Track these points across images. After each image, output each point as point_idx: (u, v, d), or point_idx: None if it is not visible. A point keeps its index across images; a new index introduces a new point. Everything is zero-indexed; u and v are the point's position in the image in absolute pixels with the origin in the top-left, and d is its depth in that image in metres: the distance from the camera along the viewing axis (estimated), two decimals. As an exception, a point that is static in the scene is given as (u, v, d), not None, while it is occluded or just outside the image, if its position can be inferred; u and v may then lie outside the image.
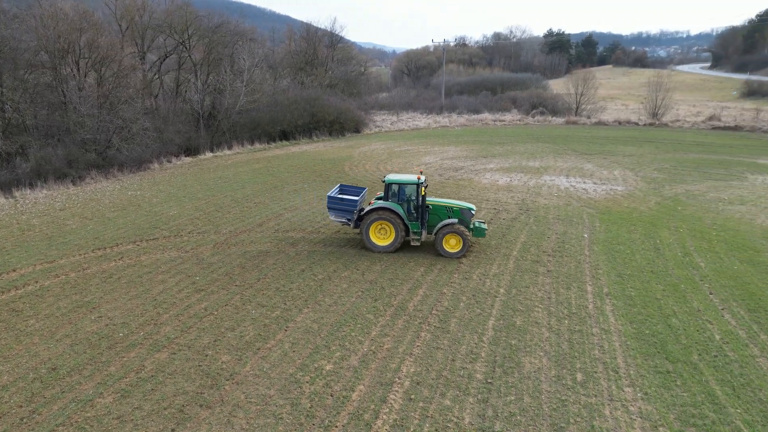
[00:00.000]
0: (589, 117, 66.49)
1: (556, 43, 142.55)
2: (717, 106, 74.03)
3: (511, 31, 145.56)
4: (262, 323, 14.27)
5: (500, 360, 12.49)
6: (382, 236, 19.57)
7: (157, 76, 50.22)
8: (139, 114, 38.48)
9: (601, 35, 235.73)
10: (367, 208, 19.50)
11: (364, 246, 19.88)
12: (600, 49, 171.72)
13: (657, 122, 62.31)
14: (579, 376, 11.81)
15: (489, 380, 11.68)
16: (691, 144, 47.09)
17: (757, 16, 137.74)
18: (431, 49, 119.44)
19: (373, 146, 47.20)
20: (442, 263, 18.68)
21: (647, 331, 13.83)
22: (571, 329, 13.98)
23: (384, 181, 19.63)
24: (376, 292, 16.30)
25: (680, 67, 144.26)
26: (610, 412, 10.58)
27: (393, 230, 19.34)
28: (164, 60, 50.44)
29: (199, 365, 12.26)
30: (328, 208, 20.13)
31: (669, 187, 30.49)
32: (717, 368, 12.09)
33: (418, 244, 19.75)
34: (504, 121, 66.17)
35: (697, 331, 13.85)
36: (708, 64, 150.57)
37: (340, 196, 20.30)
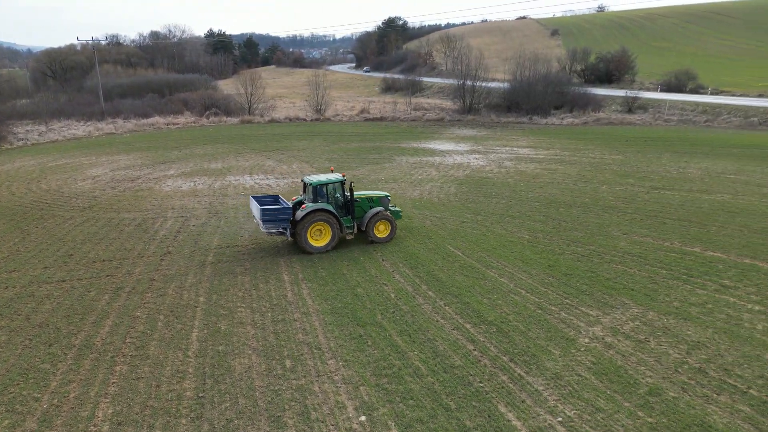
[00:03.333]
0: (262, 116, 69.24)
1: (219, 43, 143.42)
2: (365, 100, 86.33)
3: (170, 31, 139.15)
4: None
5: (210, 370, 12.07)
6: (317, 237, 19.66)
7: None
8: None
9: (261, 37, 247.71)
10: (302, 213, 19.11)
11: (302, 251, 19.52)
12: (262, 50, 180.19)
13: (321, 117, 69.09)
14: (288, 363, 12.35)
15: (201, 394, 11.18)
16: (351, 135, 53.83)
17: (383, 23, 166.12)
18: (79, 48, 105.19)
19: (17, 163, 39.17)
20: (130, 285, 16.88)
21: (339, 305, 15.36)
22: (275, 320, 14.48)
23: (311, 184, 19.66)
24: (49, 335, 13.69)
25: (332, 67, 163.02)
26: (319, 387, 11.41)
27: (329, 229, 19.60)
28: None
29: None
30: (263, 221, 19.14)
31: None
32: (396, 322, 14.28)
33: (351, 237, 20.36)
34: (178, 123, 63.40)
35: (377, 294, 16.07)
36: (353, 65, 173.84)
37: (274, 206, 19.55)
